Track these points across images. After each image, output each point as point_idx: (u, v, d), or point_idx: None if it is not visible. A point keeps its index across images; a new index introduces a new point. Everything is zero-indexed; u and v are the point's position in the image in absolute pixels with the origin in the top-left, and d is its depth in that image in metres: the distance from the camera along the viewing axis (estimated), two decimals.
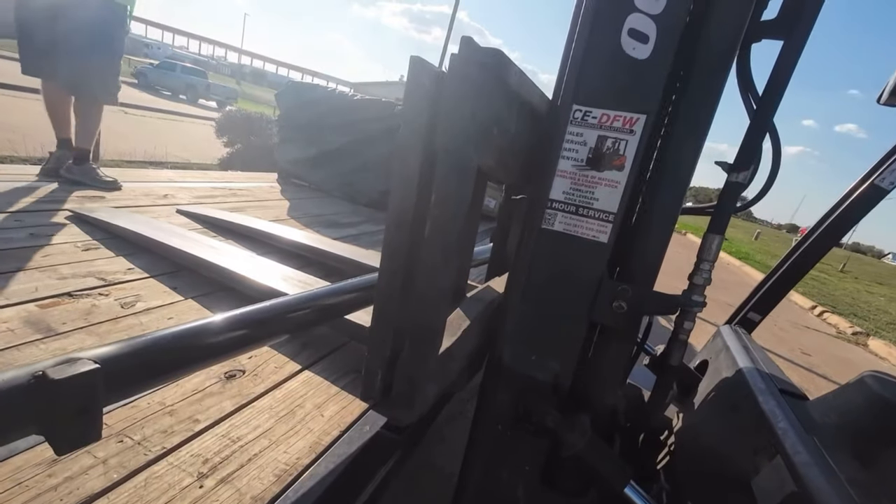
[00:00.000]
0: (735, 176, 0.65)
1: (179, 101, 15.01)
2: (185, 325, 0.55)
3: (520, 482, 0.72)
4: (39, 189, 1.59)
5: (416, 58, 0.52)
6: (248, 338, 0.61)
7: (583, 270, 0.63)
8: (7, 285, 0.91)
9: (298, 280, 1.13)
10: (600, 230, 0.61)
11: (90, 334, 0.82)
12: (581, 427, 0.64)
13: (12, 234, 1.17)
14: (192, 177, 2.56)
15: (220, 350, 0.58)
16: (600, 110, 0.59)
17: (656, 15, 0.56)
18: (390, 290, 0.59)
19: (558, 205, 0.62)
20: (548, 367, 0.67)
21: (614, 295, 0.62)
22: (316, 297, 0.74)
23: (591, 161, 0.60)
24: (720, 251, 0.70)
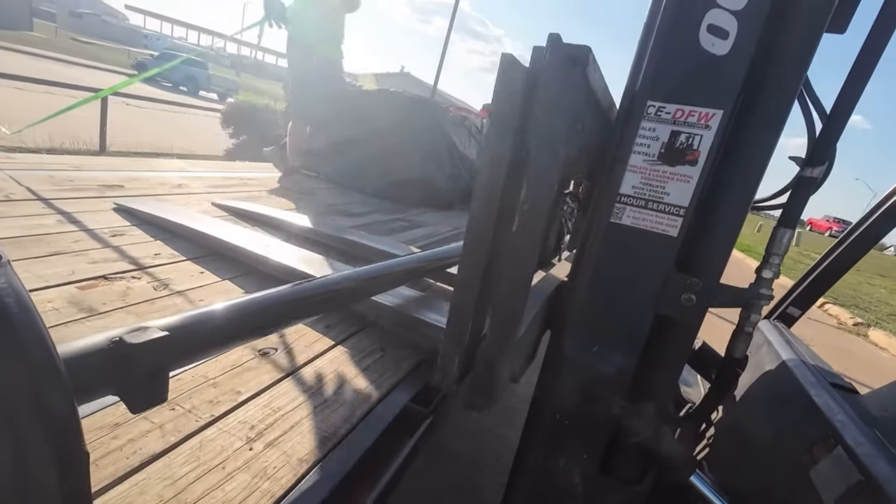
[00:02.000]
0: (809, 171, 0.64)
1: (180, 92, 14.96)
2: (237, 300, 0.58)
3: (577, 469, 0.74)
4: (58, 176, 1.63)
5: (507, 55, 0.53)
6: (290, 312, 0.65)
7: (651, 263, 0.63)
8: (45, 269, 0.95)
9: (325, 264, 1.17)
10: (670, 224, 0.61)
11: (129, 314, 0.86)
12: (647, 415, 0.66)
13: (42, 220, 1.20)
14: (204, 167, 2.59)
15: (267, 323, 0.62)
16: (675, 105, 0.59)
17: (738, 10, 0.55)
18: (473, 277, 0.60)
19: (627, 199, 0.62)
20: (612, 358, 0.68)
21: (684, 287, 0.62)
22: (351, 280, 0.77)
23: (664, 156, 0.60)
24: None
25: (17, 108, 5.44)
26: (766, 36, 0.56)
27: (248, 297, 0.61)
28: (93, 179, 1.71)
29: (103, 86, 6.25)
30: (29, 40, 16.44)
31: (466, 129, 3.40)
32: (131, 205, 1.37)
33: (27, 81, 5.00)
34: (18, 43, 14.67)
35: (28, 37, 17.73)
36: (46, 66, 11.73)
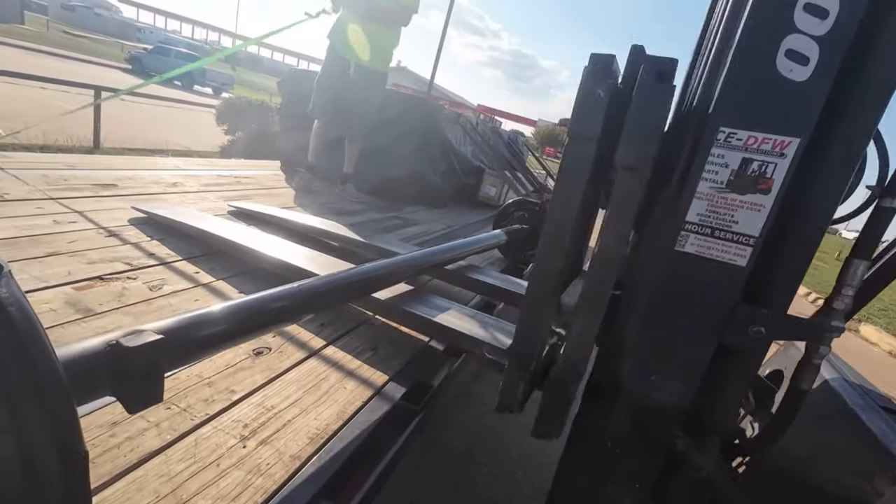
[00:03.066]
0: (888, 201, 0.61)
1: (174, 87, 14.81)
2: (230, 303, 0.60)
3: (627, 497, 0.72)
4: (52, 176, 1.63)
5: (590, 68, 0.52)
6: (285, 313, 0.67)
7: (716, 293, 0.61)
8: (42, 269, 0.96)
9: (322, 262, 1.18)
10: (738, 253, 0.59)
11: (126, 314, 0.88)
12: (711, 450, 0.64)
13: (38, 221, 1.21)
14: (198, 165, 2.59)
15: (262, 324, 0.64)
16: (747, 132, 0.56)
17: (820, 36, 0.53)
18: (544, 301, 0.58)
19: (692, 226, 0.60)
20: (670, 388, 0.66)
21: (751, 319, 0.60)
22: (345, 278, 0.79)
23: (733, 184, 0.58)
24: None
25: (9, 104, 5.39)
26: (849, 62, 0.54)
27: (243, 298, 0.63)
28: (87, 178, 1.72)
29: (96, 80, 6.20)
30: (20, 33, 16.23)
31: (461, 126, 3.41)
32: (148, 209, 1.37)
33: (19, 77, 4.96)
34: (9, 36, 14.48)
35: (19, 30, 17.49)
36: (38, 60, 11.60)
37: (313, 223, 1.63)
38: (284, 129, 3.24)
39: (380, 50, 2.35)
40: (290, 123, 3.17)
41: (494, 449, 1.67)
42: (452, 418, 1.77)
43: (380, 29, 2.30)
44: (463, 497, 1.45)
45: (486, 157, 3.68)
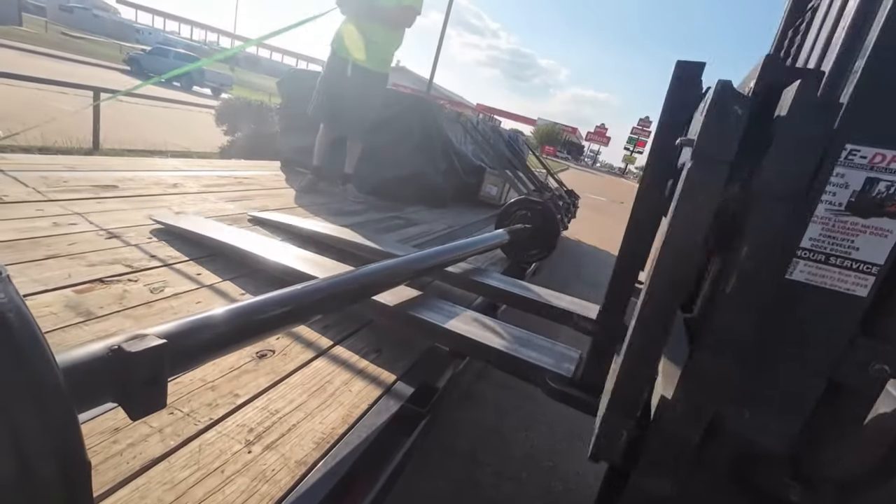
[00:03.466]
0: None
1: (173, 88, 14.79)
2: (234, 306, 0.59)
3: None
4: (51, 177, 1.62)
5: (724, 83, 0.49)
6: (290, 316, 0.65)
7: (830, 325, 0.56)
8: (42, 272, 0.95)
9: (322, 264, 1.18)
10: (858, 283, 0.54)
11: (127, 317, 0.86)
12: (825, 498, 0.58)
13: (37, 223, 1.20)
14: (198, 165, 2.58)
15: (266, 327, 0.63)
16: (873, 149, 0.51)
17: None
18: (656, 340, 0.54)
19: (803, 252, 0.55)
20: (770, 428, 0.60)
21: (873, 355, 0.54)
22: (348, 280, 0.78)
23: (854, 206, 0.53)
24: None
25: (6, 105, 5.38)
26: None
27: (247, 301, 0.62)
28: (87, 180, 1.70)
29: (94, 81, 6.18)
30: (18, 35, 16.20)
31: (462, 125, 3.40)
32: (168, 221, 1.34)
33: (16, 79, 4.94)
34: (7, 38, 14.45)
35: (17, 31, 17.46)
36: (36, 61, 11.58)
37: (334, 232, 1.61)
38: (284, 129, 3.23)
39: (380, 51, 2.34)
40: (289, 123, 3.16)
41: (498, 449, 1.65)
42: (456, 418, 1.75)
43: (381, 30, 2.29)
44: (466, 497, 1.44)
45: (487, 156, 3.67)
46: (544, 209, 1.89)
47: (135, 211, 1.50)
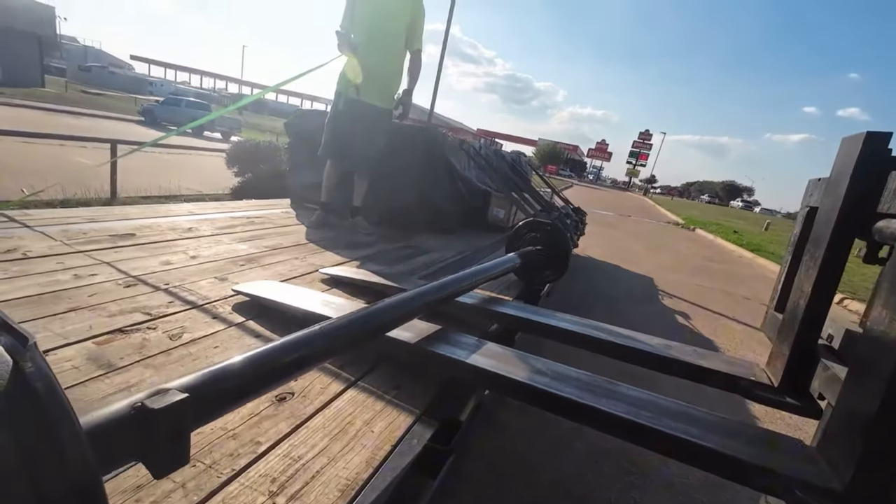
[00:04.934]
0: None
1: (185, 134, 15.43)
2: (252, 353, 0.59)
3: None
4: (72, 230, 1.67)
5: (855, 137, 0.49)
6: (308, 359, 0.65)
7: None
8: (64, 326, 0.96)
9: (333, 303, 1.18)
10: None
11: (147, 367, 0.87)
12: None
13: (58, 277, 1.23)
14: (211, 208, 2.64)
15: (285, 372, 0.62)
16: None
17: None
18: None
19: None
20: None
21: None
22: (363, 318, 0.78)
23: None
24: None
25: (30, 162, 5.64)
26: None
27: (264, 347, 0.62)
28: (105, 230, 1.75)
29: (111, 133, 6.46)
30: (40, 96, 17.17)
31: (465, 151, 3.45)
32: (249, 290, 1.28)
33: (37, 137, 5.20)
34: (32, 99, 15.32)
35: (40, 92, 18.53)
36: (57, 119, 12.20)
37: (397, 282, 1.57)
38: (292, 166, 3.32)
39: (385, 88, 2.42)
40: (297, 161, 3.25)
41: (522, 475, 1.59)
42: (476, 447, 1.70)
43: (386, 68, 2.38)
44: None
45: (492, 179, 3.71)
46: (553, 229, 1.89)
47: (151, 258, 1.53)
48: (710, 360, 1.06)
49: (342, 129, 2.41)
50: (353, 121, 2.38)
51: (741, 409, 2.29)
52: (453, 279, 1.16)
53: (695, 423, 0.76)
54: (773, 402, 0.92)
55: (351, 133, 2.41)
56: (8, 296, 1.06)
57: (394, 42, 2.35)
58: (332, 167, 2.57)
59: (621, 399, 0.83)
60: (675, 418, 0.77)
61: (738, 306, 4.92)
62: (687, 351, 1.11)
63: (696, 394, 1.47)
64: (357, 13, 2.29)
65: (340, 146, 2.45)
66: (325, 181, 2.59)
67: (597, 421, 0.79)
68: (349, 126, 2.39)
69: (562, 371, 0.92)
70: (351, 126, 2.39)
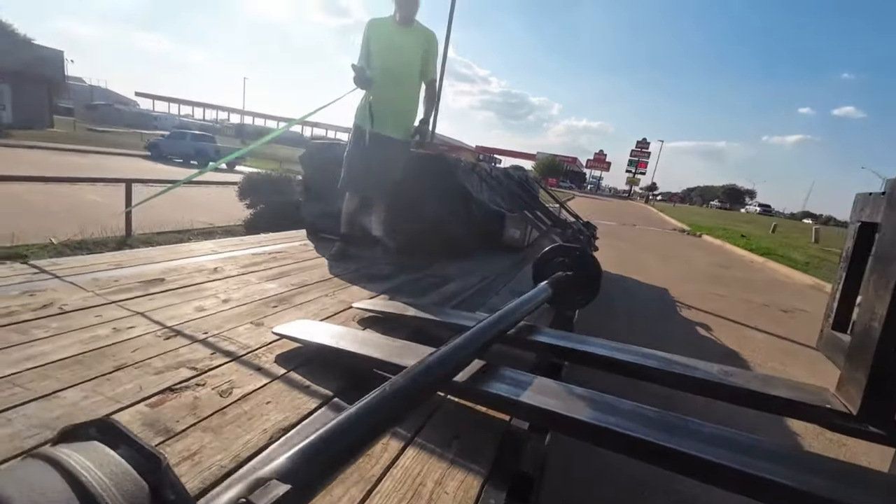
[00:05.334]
0: None
1: (191, 166, 15.68)
2: (331, 424, 0.56)
3: None
4: (102, 278, 1.66)
5: None
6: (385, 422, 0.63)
7: None
8: (114, 388, 0.95)
9: (380, 343, 1.15)
10: None
11: (205, 431, 0.84)
12: None
13: (98, 331, 1.22)
14: (231, 245, 2.64)
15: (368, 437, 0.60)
16: None
17: None
18: None
19: None
20: None
21: None
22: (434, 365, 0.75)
23: None
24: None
25: (45, 202, 5.72)
26: None
27: (345, 414, 0.59)
28: (134, 277, 1.75)
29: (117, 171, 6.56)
30: (49, 136, 17.59)
31: (477, 174, 3.47)
32: (289, 332, 1.27)
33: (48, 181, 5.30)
34: (41, 140, 15.68)
35: (49, 133, 19.01)
36: (66, 158, 12.44)
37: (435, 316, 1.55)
38: (308, 198, 3.34)
39: (402, 118, 2.46)
40: (312, 192, 3.27)
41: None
42: None
43: (401, 100, 2.42)
44: None
45: (504, 200, 3.72)
46: (583, 254, 1.87)
47: (184, 304, 1.52)
48: (775, 386, 1.02)
49: (360, 161, 2.43)
50: (371, 153, 2.41)
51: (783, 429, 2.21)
52: (503, 314, 1.14)
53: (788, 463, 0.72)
54: (852, 431, 0.88)
55: (369, 165, 2.43)
56: (54, 356, 1.05)
57: (409, 75, 2.39)
58: (350, 199, 2.58)
59: (698, 437, 0.79)
60: (767, 459, 0.73)
61: (758, 315, 4.84)
62: (748, 377, 1.08)
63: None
64: (372, 48, 2.34)
65: (359, 178, 2.47)
66: (345, 213, 2.60)
67: (676, 463, 0.76)
68: (367, 158, 2.42)
69: (628, 408, 0.88)
70: (369, 158, 2.41)
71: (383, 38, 2.32)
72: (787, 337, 4.17)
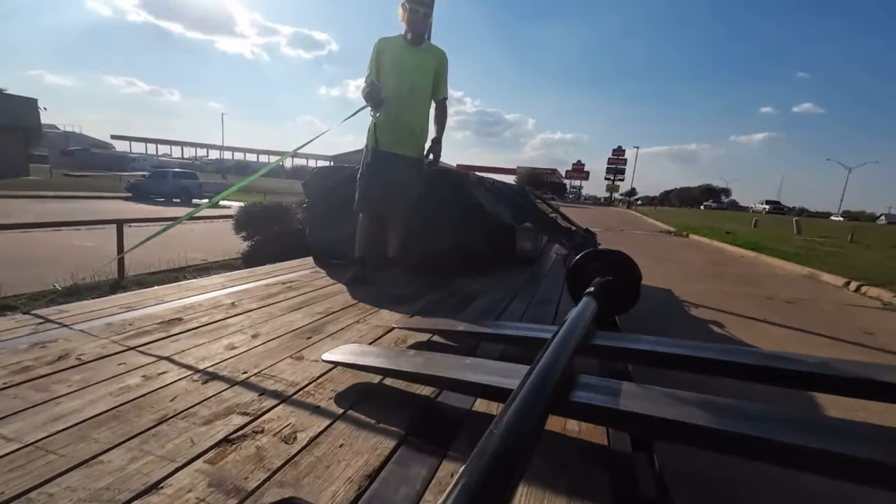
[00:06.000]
0: None
1: (174, 204, 15.40)
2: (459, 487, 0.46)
3: None
4: (115, 322, 1.53)
5: None
6: (523, 456, 0.53)
7: None
8: (163, 444, 0.82)
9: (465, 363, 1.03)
10: None
11: (282, 486, 0.73)
12: None
13: (127, 381, 1.09)
14: (240, 278, 2.51)
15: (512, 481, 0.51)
16: None
17: None
18: None
19: None
20: None
21: None
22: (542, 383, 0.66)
23: None
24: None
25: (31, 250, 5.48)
26: None
27: (483, 455, 0.50)
28: (150, 318, 1.62)
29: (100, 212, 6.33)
30: (24, 185, 17.14)
31: (485, 186, 3.43)
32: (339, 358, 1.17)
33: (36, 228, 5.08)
34: (18, 189, 15.26)
35: (25, 181, 18.53)
36: (42, 206, 12.07)
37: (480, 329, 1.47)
38: (313, 225, 3.24)
39: (416, 139, 2.41)
40: (316, 219, 3.18)
41: None
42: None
43: (414, 119, 2.38)
44: None
45: (510, 212, 3.68)
46: (619, 257, 1.81)
47: (212, 343, 1.39)
48: (882, 372, 0.95)
49: (375, 182, 2.36)
50: (386, 173, 2.34)
51: None
52: (573, 321, 1.06)
53: None
54: None
55: (384, 185, 2.36)
56: (85, 413, 0.92)
57: (420, 94, 2.36)
58: (365, 220, 2.50)
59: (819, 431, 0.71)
60: None
61: (765, 308, 4.85)
62: (847, 366, 1.00)
63: None
64: (382, 67, 2.30)
65: (374, 199, 2.39)
66: (360, 236, 2.51)
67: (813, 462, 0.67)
68: (381, 178, 2.35)
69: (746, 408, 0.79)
70: (383, 178, 2.35)
71: (395, 57, 2.28)
72: (800, 328, 4.17)
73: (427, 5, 2.23)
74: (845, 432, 0.71)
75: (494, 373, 0.95)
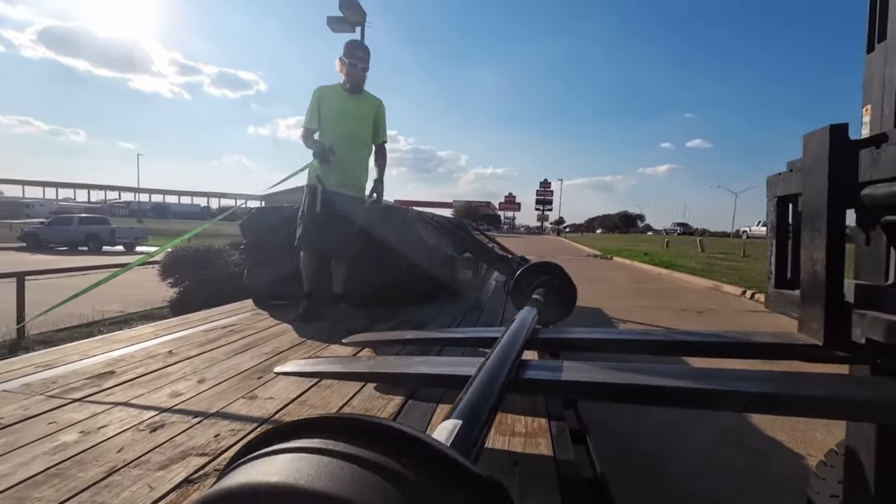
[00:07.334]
0: None
1: (79, 253, 13.74)
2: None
3: None
4: (34, 382, 1.39)
5: None
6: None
7: None
8: (118, 493, 0.80)
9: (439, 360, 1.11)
10: None
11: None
12: None
13: (62, 438, 1.02)
14: (173, 326, 2.37)
15: None
16: None
17: None
18: None
19: None
20: None
21: None
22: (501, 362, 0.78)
23: None
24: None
25: None
26: None
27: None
28: (76, 374, 1.50)
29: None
30: None
31: (425, 221, 3.60)
32: (290, 369, 1.20)
33: None
34: None
35: None
36: None
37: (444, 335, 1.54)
38: (251, 266, 3.15)
39: (355, 179, 2.53)
40: (255, 260, 3.11)
41: None
42: None
43: (355, 163, 2.51)
44: None
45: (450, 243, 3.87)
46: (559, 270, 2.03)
47: (153, 393, 1.33)
48: (762, 338, 1.18)
49: (317, 219, 2.41)
50: (327, 210, 2.41)
51: None
52: (521, 322, 1.19)
53: None
54: (822, 358, 1.01)
55: (326, 222, 2.42)
56: (17, 477, 0.86)
57: (361, 139, 2.51)
58: (307, 257, 2.51)
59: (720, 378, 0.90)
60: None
61: (680, 319, 5.46)
62: (737, 335, 1.23)
63: None
64: (324, 114, 2.42)
65: (316, 236, 2.44)
66: (305, 271, 2.51)
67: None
68: (323, 215, 2.41)
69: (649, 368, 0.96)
70: (325, 215, 2.41)
71: (334, 106, 2.42)
72: None
73: (365, 60, 2.42)
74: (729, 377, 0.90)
75: (448, 364, 1.05)
